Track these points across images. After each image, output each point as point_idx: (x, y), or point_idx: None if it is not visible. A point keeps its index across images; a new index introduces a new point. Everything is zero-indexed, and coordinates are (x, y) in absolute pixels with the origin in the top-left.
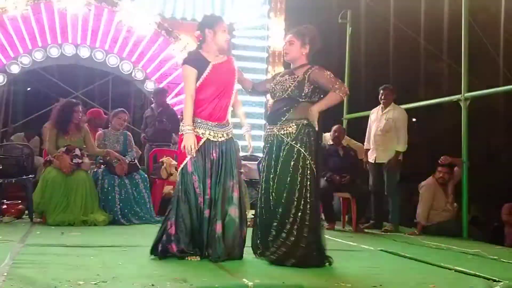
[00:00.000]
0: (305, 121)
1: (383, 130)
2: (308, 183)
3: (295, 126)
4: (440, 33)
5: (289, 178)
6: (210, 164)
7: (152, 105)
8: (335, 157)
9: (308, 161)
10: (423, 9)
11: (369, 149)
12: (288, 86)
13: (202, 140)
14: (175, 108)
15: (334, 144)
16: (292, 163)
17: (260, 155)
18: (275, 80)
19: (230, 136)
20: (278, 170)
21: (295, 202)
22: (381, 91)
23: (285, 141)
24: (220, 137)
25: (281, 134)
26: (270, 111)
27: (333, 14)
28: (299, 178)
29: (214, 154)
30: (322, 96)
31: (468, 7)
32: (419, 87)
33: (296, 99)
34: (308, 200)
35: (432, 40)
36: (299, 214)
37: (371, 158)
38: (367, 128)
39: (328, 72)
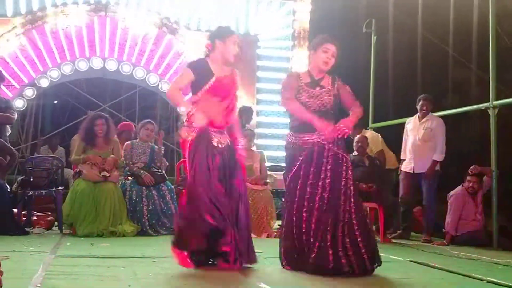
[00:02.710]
0: None
1: (422, 140)
2: (354, 187)
3: None
4: (467, 41)
5: (343, 184)
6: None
7: None
8: (361, 167)
9: (350, 167)
10: (450, 18)
11: (404, 159)
12: (327, 101)
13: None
14: None
15: (359, 154)
16: (339, 170)
17: (284, 165)
18: (308, 93)
19: (229, 142)
20: (326, 176)
21: (353, 208)
22: (421, 101)
23: (326, 147)
24: (223, 143)
25: (322, 141)
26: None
27: (358, 24)
28: (349, 183)
29: (218, 159)
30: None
31: (496, 14)
32: (446, 96)
33: (329, 111)
34: (359, 205)
35: (459, 49)
36: (360, 221)
37: (407, 168)
38: (403, 138)
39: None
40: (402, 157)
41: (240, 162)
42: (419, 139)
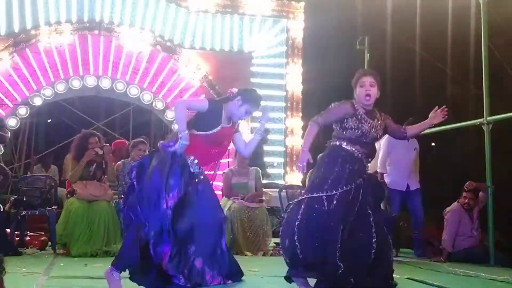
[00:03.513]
0: None
1: (414, 160)
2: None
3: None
4: (462, 57)
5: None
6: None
7: None
8: None
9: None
10: (446, 35)
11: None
12: (380, 133)
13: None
14: None
15: None
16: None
17: (280, 182)
18: (369, 124)
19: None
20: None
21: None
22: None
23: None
24: (200, 176)
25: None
26: (363, 150)
27: (352, 41)
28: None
29: (190, 188)
30: None
31: (488, 31)
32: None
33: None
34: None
35: (453, 65)
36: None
37: (399, 186)
38: (387, 151)
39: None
40: (380, 170)
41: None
42: (411, 159)
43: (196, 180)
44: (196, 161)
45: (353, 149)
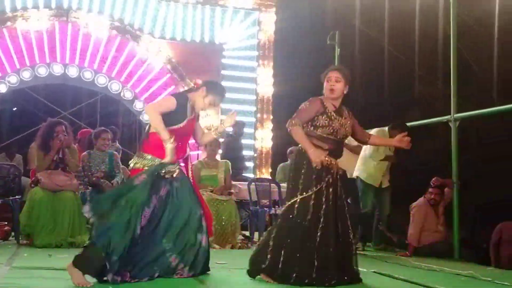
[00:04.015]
0: None
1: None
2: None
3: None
4: (431, 55)
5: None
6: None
7: None
8: None
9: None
10: (414, 31)
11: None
12: (349, 130)
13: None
14: None
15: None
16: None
17: (249, 175)
18: (338, 121)
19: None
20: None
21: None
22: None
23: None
24: (174, 173)
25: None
26: (333, 148)
27: (324, 35)
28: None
29: (163, 191)
30: None
31: (457, 30)
32: (410, 108)
33: (344, 140)
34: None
35: (423, 62)
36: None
37: (376, 182)
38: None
39: None
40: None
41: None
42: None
43: (172, 178)
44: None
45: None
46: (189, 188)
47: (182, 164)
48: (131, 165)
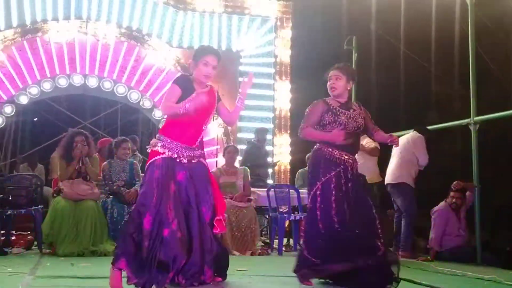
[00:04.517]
0: None
1: None
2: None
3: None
4: (448, 58)
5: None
6: (175, 186)
7: None
8: None
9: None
10: (431, 35)
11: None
12: (360, 123)
13: (160, 156)
14: None
15: None
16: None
17: (268, 182)
18: (345, 115)
19: (199, 160)
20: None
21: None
22: None
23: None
24: (191, 159)
25: (349, 161)
26: (346, 142)
27: (340, 40)
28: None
29: (181, 175)
30: None
31: (475, 32)
32: (428, 112)
33: (359, 132)
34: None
35: (441, 65)
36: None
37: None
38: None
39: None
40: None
41: (210, 178)
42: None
43: (185, 164)
44: (184, 145)
45: (332, 148)
46: (202, 178)
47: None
48: (148, 150)
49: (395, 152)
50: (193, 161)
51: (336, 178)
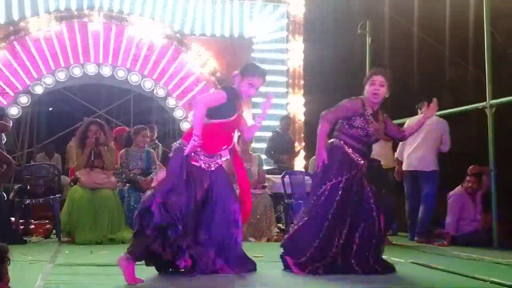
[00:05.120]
0: None
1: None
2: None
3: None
4: (463, 41)
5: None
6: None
7: None
8: None
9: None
10: (445, 18)
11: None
12: (380, 136)
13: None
14: None
15: None
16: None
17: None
18: (374, 126)
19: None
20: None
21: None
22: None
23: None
24: (212, 167)
25: (363, 169)
26: (362, 148)
27: (353, 25)
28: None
29: (206, 184)
30: None
31: (490, 14)
32: (443, 95)
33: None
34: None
35: (455, 48)
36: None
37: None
38: None
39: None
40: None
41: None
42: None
43: (209, 171)
44: (205, 153)
45: (352, 150)
46: (223, 182)
47: (224, 159)
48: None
49: (417, 136)
50: (213, 167)
51: (346, 182)
